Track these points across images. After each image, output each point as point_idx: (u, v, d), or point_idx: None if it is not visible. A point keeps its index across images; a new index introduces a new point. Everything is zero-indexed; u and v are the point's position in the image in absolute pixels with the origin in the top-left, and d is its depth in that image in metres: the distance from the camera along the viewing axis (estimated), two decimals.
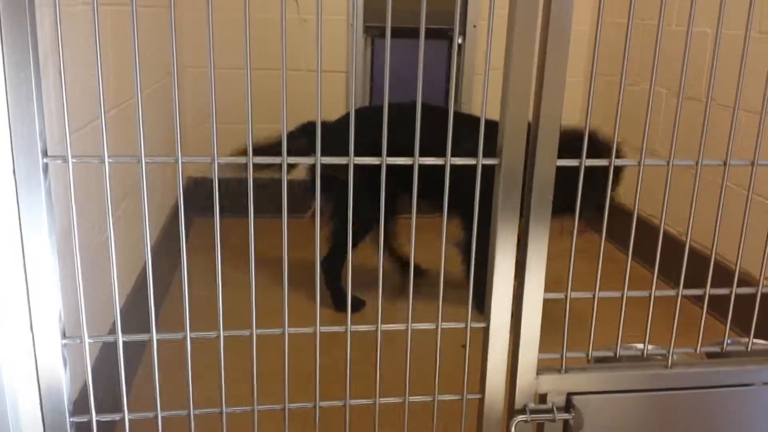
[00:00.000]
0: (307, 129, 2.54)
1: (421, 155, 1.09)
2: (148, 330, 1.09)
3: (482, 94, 1.09)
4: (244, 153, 1.02)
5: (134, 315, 1.97)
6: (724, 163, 1.22)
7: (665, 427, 1.31)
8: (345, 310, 1.25)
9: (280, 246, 1.05)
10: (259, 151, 1.08)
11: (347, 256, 1.25)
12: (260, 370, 1.13)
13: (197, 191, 3.28)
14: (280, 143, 1.01)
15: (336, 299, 2.77)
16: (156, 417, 1.10)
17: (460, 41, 3.76)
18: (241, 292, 1.20)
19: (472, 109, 3.69)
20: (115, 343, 1.08)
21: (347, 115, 1.11)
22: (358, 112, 2.01)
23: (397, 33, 2.26)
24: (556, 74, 1.08)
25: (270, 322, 1.12)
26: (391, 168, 1.07)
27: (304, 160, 1.09)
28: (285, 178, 1.04)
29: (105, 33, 1.92)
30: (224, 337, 1.09)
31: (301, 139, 2.48)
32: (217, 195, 1.02)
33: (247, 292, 1.08)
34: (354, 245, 2.61)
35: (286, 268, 1.06)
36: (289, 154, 1.02)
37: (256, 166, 1.02)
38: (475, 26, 3.69)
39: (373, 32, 3.59)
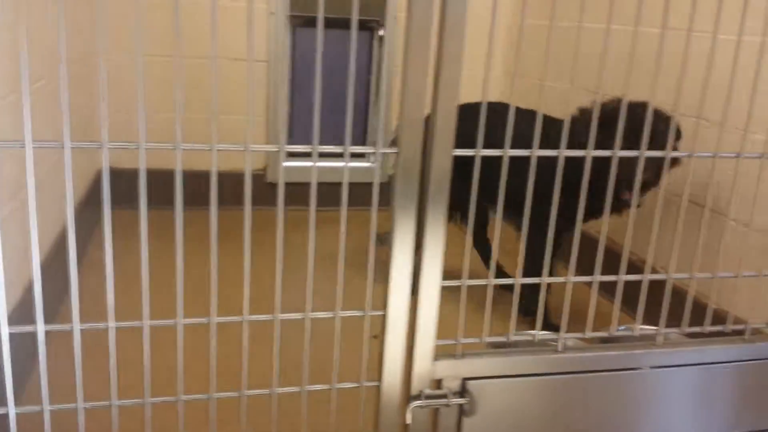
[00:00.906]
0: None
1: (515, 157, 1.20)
2: (50, 321, 1.05)
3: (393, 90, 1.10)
4: None
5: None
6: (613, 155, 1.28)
7: (557, 410, 1.36)
8: None
9: (200, 238, 1.04)
10: None
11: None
12: (157, 363, 1.11)
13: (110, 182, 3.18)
14: None
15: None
16: (42, 411, 1.06)
17: (381, 33, 3.77)
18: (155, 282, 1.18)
19: (392, 102, 3.72)
20: (15, 335, 1.04)
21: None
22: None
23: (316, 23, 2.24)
24: (451, 68, 1.11)
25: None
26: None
27: None
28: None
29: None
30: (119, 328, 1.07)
31: None
32: (107, 184, 0.99)
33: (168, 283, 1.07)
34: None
35: (146, 261, 1.05)
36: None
37: None
38: (395, 18, 3.71)
39: (295, 21, 3.56)
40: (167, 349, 1.14)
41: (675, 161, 1.82)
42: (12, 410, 1.07)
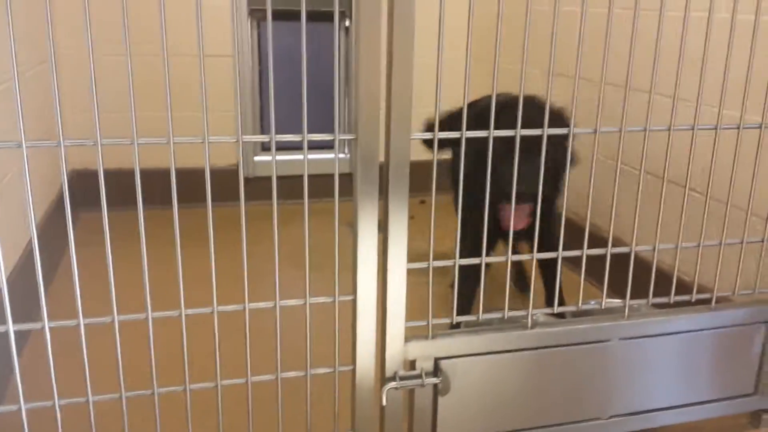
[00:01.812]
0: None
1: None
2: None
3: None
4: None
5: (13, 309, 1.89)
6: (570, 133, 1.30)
7: (529, 384, 1.38)
8: None
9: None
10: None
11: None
12: (133, 359, 1.12)
13: (82, 183, 3.16)
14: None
15: None
16: (20, 410, 1.07)
17: (348, 24, 3.77)
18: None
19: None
20: None
21: (468, 107, 1.17)
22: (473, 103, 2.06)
23: (285, 16, 2.22)
24: (404, 55, 1.12)
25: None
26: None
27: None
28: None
29: None
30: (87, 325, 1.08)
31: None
32: (66, 182, 0.99)
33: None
34: None
35: (110, 260, 1.05)
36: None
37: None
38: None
39: (258, 15, 3.55)
40: (143, 345, 1.14)
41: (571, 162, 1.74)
42: None
